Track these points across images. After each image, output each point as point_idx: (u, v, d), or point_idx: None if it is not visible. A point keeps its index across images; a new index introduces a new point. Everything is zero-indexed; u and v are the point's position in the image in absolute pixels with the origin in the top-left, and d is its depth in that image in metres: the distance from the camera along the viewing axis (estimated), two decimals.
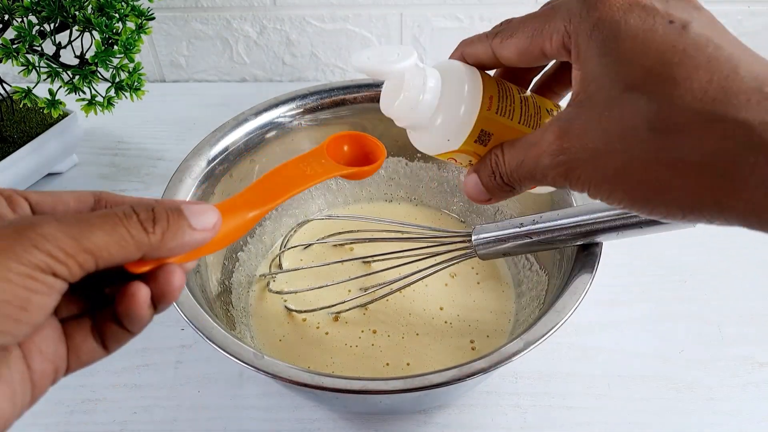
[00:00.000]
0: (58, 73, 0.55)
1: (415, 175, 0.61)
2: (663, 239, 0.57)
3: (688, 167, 0.25)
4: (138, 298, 0.24)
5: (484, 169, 0.34)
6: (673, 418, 0.47)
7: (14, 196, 0.24)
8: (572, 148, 0.28)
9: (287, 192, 0.31)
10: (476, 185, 0.34)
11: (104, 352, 0.26)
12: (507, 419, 0.48)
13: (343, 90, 0.56)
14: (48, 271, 0.21)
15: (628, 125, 0.26)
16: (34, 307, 0.21)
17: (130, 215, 0.24)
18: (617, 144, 0.26)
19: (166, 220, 0.25)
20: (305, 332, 0.52)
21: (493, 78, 0.34)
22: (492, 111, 0.33)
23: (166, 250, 0.25)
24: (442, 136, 0.34)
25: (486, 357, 0.37)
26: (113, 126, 0.75)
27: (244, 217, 0.29)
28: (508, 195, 0.34)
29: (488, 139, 0.33)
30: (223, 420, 0.48)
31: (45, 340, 0.25)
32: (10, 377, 0.23)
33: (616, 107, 0.26)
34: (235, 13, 0.78)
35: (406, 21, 0.77)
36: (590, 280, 0.41)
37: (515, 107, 0.33)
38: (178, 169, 0.50)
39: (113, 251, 0.23)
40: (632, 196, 0.27)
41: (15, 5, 0.53)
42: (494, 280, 0.55)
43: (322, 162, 0.34)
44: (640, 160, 0.26)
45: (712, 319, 0.54)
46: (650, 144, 0.26)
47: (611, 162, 0.27)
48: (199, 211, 0.26)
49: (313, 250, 0.58)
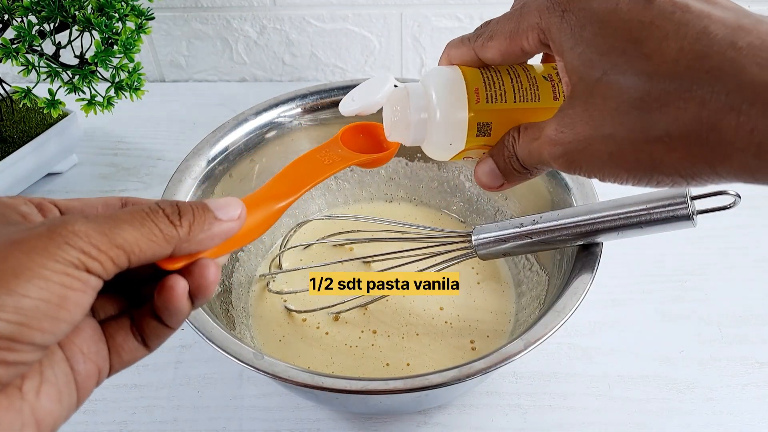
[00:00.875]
0: (58, 73, 0.55)
1: (415, 175, 0.61)
2: (663, 239, 0.57)
3: (675, 141, 0.25)
4: (176, 290, 0.25)
5: (501, 153, 0.34)
6: (673, 418, 0.47)
7: (44, 203, 0.25)
8: (567, 139, 0.28)
9: (308, 182, 0.32)
10: (491, 171, 0.34)
11: (146, 350, 0.27)
12: (507, 419, 0.48)
13: (343, 90, 0.56)
14: (82, 267, 0.21)
15: (611, 108, 0.26)
16: (71, 305, 0.21)
17: (155, 210, 0.24)
18: (605, 129, 0.27)
19: (192, 212, 0.25)
20: (305, 332, 0.52)
21: (477, 70, 0.34)
22: (482, 102, 0.33)
23: (196, 242, 0.25)
24: (445, 143, 0.34)
25: (486, 357, 0.37)
26: (113, 126, 0.75)
27: (269, 209, 0.30)
28: (523, 179, 0.34)
29: (489, 129, 0.34)
30: (223, 420, 0.48)
31: (86, 340, 0.25)
32: (55, 379, 0.23)
33: (597, 93, 0.27)
34: (235, 13, 0.78)
35: (406, 21, 0.77)
36: (590, 280, 0.41)
37: (506, 88, 0.33)
38: (178, 169, 0.50)
39: (143, 246, 0.23)
40: (634, 174, 0.27)
41: (15, 5, 0.53)
42: (494, 280, 0.55)
43: (339, 152, 0.35)
44: (628, 140, 0.26)
45: (712, 319, 0.54)
46: (634, 124, 0.26)
47: (604, 147, 0.27)
48: (224, 203, 0.26)
49: (313, 250, 0.58)
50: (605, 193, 0.45)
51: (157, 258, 0.24)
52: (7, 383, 0.21)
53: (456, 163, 0.59)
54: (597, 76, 0.27)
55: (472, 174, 0.58)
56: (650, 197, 0.40)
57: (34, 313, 0.20)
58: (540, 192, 0.52)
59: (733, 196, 0.38)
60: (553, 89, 0.34)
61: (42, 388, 0.23)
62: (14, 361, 0.20)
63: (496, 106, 0.33)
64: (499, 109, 0.33)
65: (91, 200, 0.26)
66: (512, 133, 0.33)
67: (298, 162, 0.34)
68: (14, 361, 0.21)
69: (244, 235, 0.28)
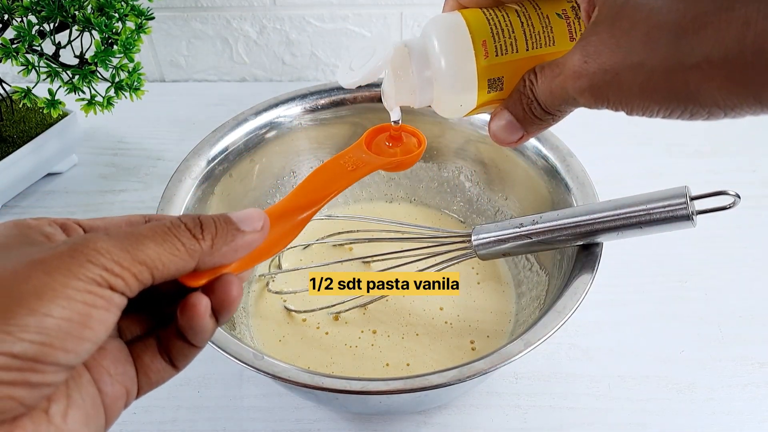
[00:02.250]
0: (58, 72, 0.55)
1: (415, 175, 0.61)
2: (663, 239, 0.57)
3: (715, 66, 0.23)
4: (199, 308, 0.24)
5: (518, 101, 0.31)
6: (673, 418, 0.47)
7: (69, 223, 0.24)
8: (592, 69, 0.26)
9: (332, 191, 0.31)
10: (508, 123, 0.32)
11: (173, 370, 0.26)
12: (507, 419, 0.48)
13: (343, 90, 0.56)
14: (105, 285, 0.21)
15: (641, 33, 0.25)
16: (95, 323, 0.21)
17: (177, 225, 0.24)
18: (635, 56, 0.25)
19: (214, 225, 0.24)
20: (305, 332, 0.52)
21: (481, 15, 0.31)
22: (491, 57, 0.31)
23: (219, 255, 0.24)
24: (455, 103, 0.32)
25: (486, 357, 0.37)
26: (113, 126, 0.75)
27: (293, 220, 0.29)
28: (545, 126, 0.31)
29: (501, 83, 0.31)
30: (222, 420, 0.48)
31: (113, 362, 0.25)
32: (81, 401, 0.23)
33: (625, 16, 0.25)
34: (235, 13, 0.78)
35: (406, 20, 0.77)
36: (590, 280, 0.41)
37: (516, 35, 0.31)
38: (178, 169, 0.50)
39: (166, 261, 0.23)
40: (667, 105, 0.25)
41: (15, 5, 0.53)
42: (494, 280, 0.55)
43: (363, 156, 0.33)
44: (662, 69, 0.24)
45: (712, 319, 0.54)
46: (669, 49, 0.24)
47: (634, 77, 0.25)
48: (246, 215, 0.26)
49: (313, 250, 0.58)
50: (605, 194, 0.45)
51: (180, 273, 0.24)
52: (33, 406, 0.21)
53: (456, 163, 0.59)
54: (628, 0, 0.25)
55: (471, 174, 0.59)
56: (650, 197, 0.40)
57: (57, 333, 0.20)
58: (540, 192, 0.52)
59: (733, 196, 0.38)
60: (568, 28, 0.31)
61: (69, 411, 0.22)
62: (38, 382, 0.20)
63: (506, 58, 0.31)
64: (510, 60, 0.31)
65: (114, 219, 0.26)
66: (528, 76, 0.30)
67: (321, 170, 0.32)
68: (38, 383, 0.20)
69: (268, 248, 0.27)
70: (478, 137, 0.56)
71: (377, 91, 0.56)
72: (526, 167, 0.53)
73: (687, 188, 0.39)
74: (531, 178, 0.53)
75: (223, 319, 0.25)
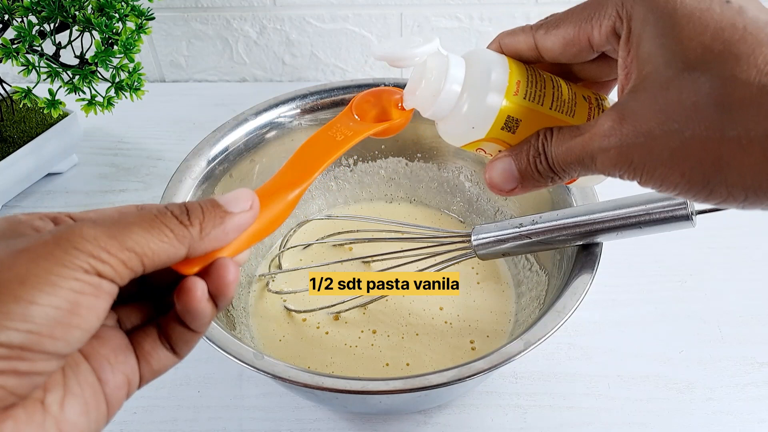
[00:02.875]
0: (58, 73, 0.55)
1: (415, 175, 0.61)
2: (663, 239, 0.57)
3: (753, 143, 0.24)
4: (195, 292, 0.24)
5: (524, 152, 0.32)
6: (673, 418, 0.47)
7: (60, 216, 0.24)
8: (626, 131, 0.27)
9: (321, 162, 0.30)
10: (506, 171, 0.32)
11: (175, 358, 0.26)
12: (507, 419, 0.48)
13: (343, 90, 0.56)
14: (92, 271, 0.21)
15: (687, 104, 0.25)
16: (83, 311, 0.21)
17: (163, 212, 0.24)
18: (674, 124, 0.25)
19: (200, 210, 0.24)
20: (305, 332, 0.52)
21: (522, 64, 0.33)
22: (519, 96, 0.32)
23: (210, 240, 0.24)
24: (467, 124, 0.32)
25: (486, 357, 0.37)
26: (113, 126, 0.75)
27: (284, 199, 0.28)
28: (540, 185, 0.32)
29: (516, 126, 0.32)
30: (223, 420, 0.48)
31: (113, 350, 0.25)
32: (80, 390, 0.23)
33: (673, 87, 0.26)
34: (235, 13, 0.78)
35: (406, 21, 0.77)
36: (590, 280, 0.41)
37: (546, 92, 0.32)
38: (178, 169, 0.50)
39: (155, 248, 0.23)
40: (690, 177, 0.26)
41: (15, 5, 0.53)
42: (494, 280, 0.55)
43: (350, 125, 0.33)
44: (700, 138, 0.25)
45: (712, 319, 0.54)
46: (711, 121, 0.25)
47: (667, 143, 0.26)
48: (233, 196, 0.26)
49: (313, 250, 0.58)
50: (605, 194, 0.45)
51: (173, 260, 0.24)
52: (24, 395, 0.21)
53: (456, 163, 0.59)
54: (678, 69, 0.26)
55: (471, 174, 0.59)
56: (650, 198, 0.40)
57: (44, 321, 0.20)
58: (540, 192, 0.52)
59: None
60: (589, 111, 0.33)
61: (66, 401, 0.22)
62: (27, 371, 0.20)
63: (531, 105, 0.32)
64: (533, 109, 0.32)
65: (106, 210, 0.25)
66: (544, 132, 0.31)
67: (309, 143, 0.31)
68: (27, 371, 0.20)
69: (261, 229, 0.27)
70: None
71: None
72: None
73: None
74: None
75: (222, 303, 0.25)
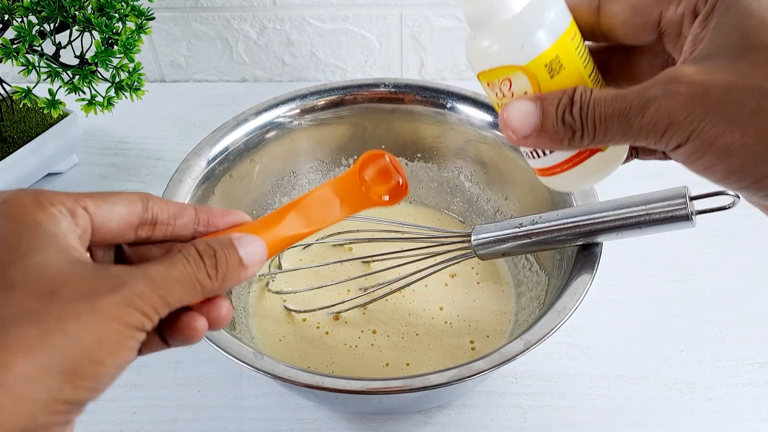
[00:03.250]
0: (58, 73, 0.55)
1: (415, 175, 0.61)
2: (663, 239, 0.57)
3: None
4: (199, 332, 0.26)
5: (555, 98, 0.28)
6: (673, 418, 0.47)
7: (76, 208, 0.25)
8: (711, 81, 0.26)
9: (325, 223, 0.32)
10: (527, 113, 0.29)
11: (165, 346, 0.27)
12: (507, 419, 0.48)
13: (343, 90, 0.56)
14: (141, 328, 0.23)
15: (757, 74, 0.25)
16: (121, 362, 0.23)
17: (199, 266, 0.26)
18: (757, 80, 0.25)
19: (226, 263, 0.26)
20: (305, 332, 0.52)
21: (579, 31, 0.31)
22: (574, 43, 0.30)
23: (221, 290, 0.27)
24: (517, 39, 0.29)
25: (486, 357, 0.37)
26: (113, 126, 0.75)
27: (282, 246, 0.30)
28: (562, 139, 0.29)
29: (557, 72, 0.29)
30: (223, 420, 0.48)
31: None
32: None
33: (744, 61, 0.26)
34: (235, 13, 0.78)
35: (406, 21, 0.77)
36: (590, 280, 0.41)
37: (589, 60, 0.31)
38: (178, 169, 0.50)
39: (184, 300, 0.25)
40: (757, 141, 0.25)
41: (15, 5, 0.53)
42: (494, 280, 0.55)
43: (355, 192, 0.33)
44: None
45: (712, 319, 0.54)
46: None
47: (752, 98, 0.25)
48: (252, 249, 0.27)
49: (313, 250, 0.58)
50: (605, 194, 0.45)
51: None
52: None
53: (456, 163, 0.59)
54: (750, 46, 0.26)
55: (471, 174, 0.59)
56: (649, 198, 0.40)
57: (105, 380, 0.23)
58: (540, 192, 0.52)
59: (732, 196, 0.38)
60: None
61: None
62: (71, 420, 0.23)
63: (578, 61, 0.30)
64: (578, 65, 0.30)
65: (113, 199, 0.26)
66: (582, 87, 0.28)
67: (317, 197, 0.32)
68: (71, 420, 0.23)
69: None
70: (478, 137, 0.56)
71: (377, 91, 0.56)
72: (525, 167, 0.52)
73: (687, 188, 0.39)
74: (531, 178, 0.52)
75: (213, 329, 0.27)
